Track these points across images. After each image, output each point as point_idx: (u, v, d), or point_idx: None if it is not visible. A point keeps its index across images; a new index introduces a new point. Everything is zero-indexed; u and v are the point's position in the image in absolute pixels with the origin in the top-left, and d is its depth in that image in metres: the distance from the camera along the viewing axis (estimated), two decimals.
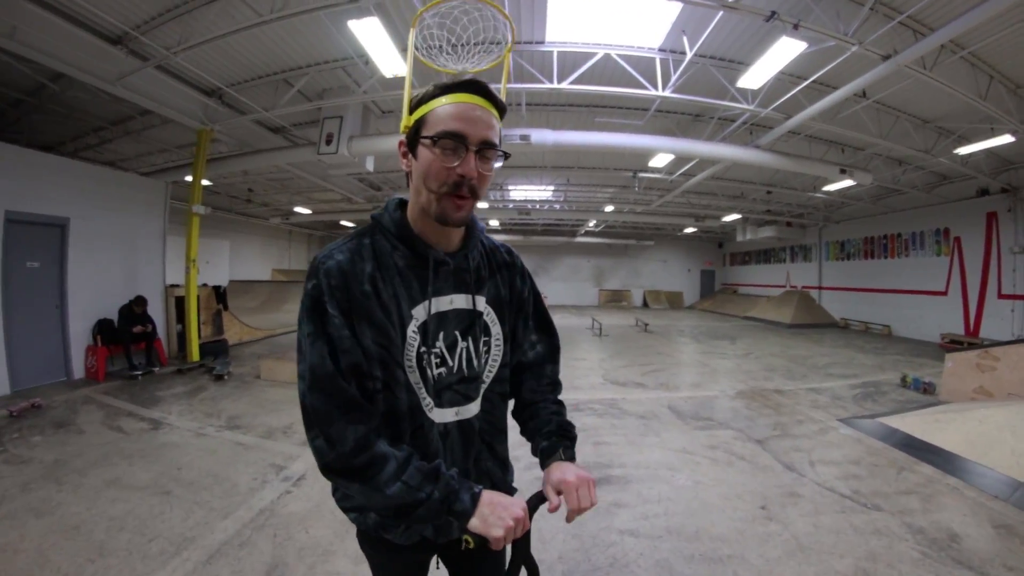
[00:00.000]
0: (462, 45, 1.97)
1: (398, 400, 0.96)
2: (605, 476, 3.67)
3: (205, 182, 8.18)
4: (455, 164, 0.92)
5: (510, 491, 1.15)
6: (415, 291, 0.99)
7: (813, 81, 6.24)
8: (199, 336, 7.87)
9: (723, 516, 3.07)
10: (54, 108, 7.50)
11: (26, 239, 5.85)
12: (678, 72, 6.09)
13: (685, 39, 5.62)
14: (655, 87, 6.27)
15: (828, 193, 12.07)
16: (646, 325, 14.33)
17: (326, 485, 3.20)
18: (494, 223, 18.84)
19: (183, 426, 4.65)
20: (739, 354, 9.80)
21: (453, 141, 0.91)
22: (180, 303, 8.19)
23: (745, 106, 6.69)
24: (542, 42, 6.12)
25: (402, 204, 1.06)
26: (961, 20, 4.58)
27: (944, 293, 12.02)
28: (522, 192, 14.55)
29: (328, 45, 5.99)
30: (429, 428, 1.00)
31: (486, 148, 0.94)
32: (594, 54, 6.06)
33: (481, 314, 1.08)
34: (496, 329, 1.11)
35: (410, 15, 5.44)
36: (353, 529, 1.11)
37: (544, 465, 1.07)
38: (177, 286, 8.31)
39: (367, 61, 5.76)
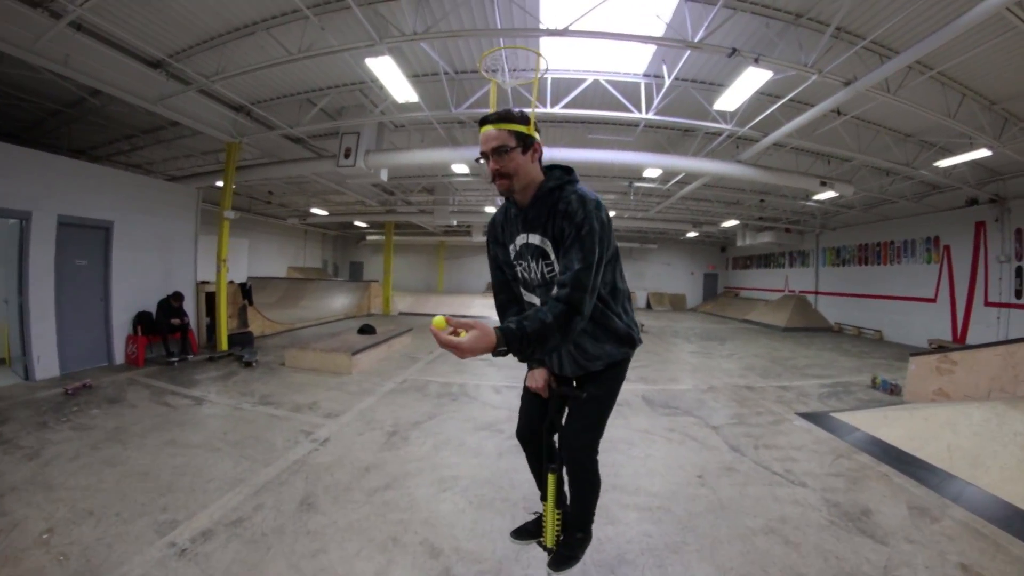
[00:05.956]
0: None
1: (513, 286, 1.99)
2: None
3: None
4: (489, 166, 1.70)
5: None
6: (516, 231, 1.84)
7: (789, 100, 6.62)
8: (227, 328, 8.65)
9: (662, 479, 3.68)
10: (93, 119, 8.31)
11: (76, 240, 6.59)
12: (660, 94, 6.66)
13: (664, 67, 6.23)
14: (639, 110, 6.88)
15: (819, 202, 12.46)
16: (642, 326, 14.77)
17: (348, 445, 4.12)
18: None
19: (222, 402, 5.40)
20: (724, 355, 10.27)
21: (482, 156, 1.71)
22: (209, 298, 8.99)
23: (724, 126, 7.24)
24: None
25: None
26: (924, 43, 4.73)
27: (933, 300, 12.30)
28: None
29: (346, 71, 6.69)
30: (524, 302, 1.98)
31: (495, 152, 1.67)
32: (583, 80, 6.68)
33: (538, 246, 1.76)
34: (552, 254, 1.74)
35: (414, 56, 6.13)
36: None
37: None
38: (207, 282, 9.10)
39: (381, 87, 6.44)
